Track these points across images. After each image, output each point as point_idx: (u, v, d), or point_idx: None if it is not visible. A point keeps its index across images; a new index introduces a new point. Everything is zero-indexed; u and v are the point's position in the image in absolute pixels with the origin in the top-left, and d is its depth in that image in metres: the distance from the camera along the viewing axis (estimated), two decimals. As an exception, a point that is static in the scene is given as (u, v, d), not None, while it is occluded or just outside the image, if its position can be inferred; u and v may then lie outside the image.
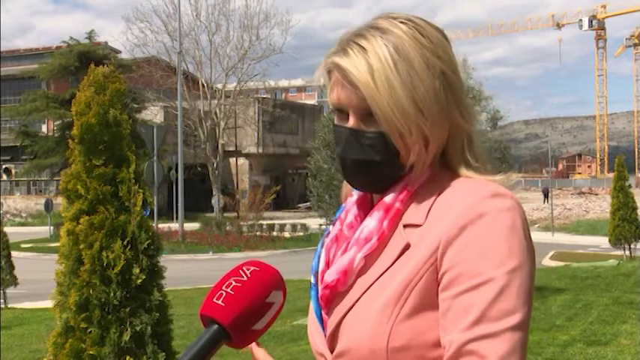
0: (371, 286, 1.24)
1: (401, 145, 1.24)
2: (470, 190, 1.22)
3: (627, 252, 18.25)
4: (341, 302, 1.27)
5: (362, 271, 1.26)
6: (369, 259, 1.26)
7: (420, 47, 1.23)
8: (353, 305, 1.25)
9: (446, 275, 1.17)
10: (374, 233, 1.26)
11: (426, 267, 1.19)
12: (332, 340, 1.28)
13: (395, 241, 1.25)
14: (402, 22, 1.25)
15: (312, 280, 1.35)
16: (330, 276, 1.29)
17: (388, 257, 1.24)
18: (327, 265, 1.33)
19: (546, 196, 55.14)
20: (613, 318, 9.86)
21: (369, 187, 1.31)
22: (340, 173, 1.33)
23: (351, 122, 1.26)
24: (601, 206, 43.42)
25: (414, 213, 1.25)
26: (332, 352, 1.28)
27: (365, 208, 1.35)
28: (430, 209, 1.24)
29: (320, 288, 1.32)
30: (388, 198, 1.28)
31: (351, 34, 1.27)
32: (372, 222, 1.28)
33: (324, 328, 1.31)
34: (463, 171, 1.28)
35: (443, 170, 1.28)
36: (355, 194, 1.38)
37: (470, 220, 1.17)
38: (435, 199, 1.24)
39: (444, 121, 1.24)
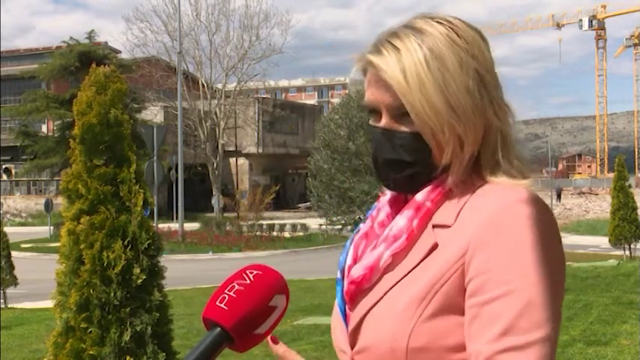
0: (397, 284, 1.23)
1: (434, 144, 1.24)
2: (501, 195, 1.21)
3: (627, 252, 18.25)
4: (365, 298, 1.27)
5: (388, 268, 1.26)
6: (397, 257, 1.26)
7: (455, 47, 1.23)
8: (377, 302, 1.25)
9: (473, 281, 1.16)
10: (403, 231, 1.26)
11: (453, 270, 1.18)
12: (353, 336, 1.28)
13: (423, 240, 1.25)
14: (438, 22, 1.26)
15: (339, 275, 1.35)
16: (357, 271, 1.29)
17: (416, 256, 1.24)
18: (355, 261, 1.33)
19: (559, 195, 55.21)
20: (613, 318, 9.86)
21: (399, 187, 1.31)
22: (373, 172, 1.33)
23: (384, 122, 1.27)
24: (601, 206, 43.44)
25: (444, 213, 1.25)
26: (352, 348, 1.28)
27: (397, 207, 1.34)
28: (460, 211, 1.23)
29: (346, 283, 1.31)
30: (419, 197, 1.27)
31: (386, 33, 1.28)
32: (402, 220, 1.27)
33: (347, 323, 1.31)
34: (495, 173, 1.26)
35: (475, 172, 1.27)
36: (388, 193, 1.38)
37: (501, 226, 1.16)
38: (466, 202, 1.24)
39: (478, 120, 1.24)
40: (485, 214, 1.18)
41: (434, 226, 1.24)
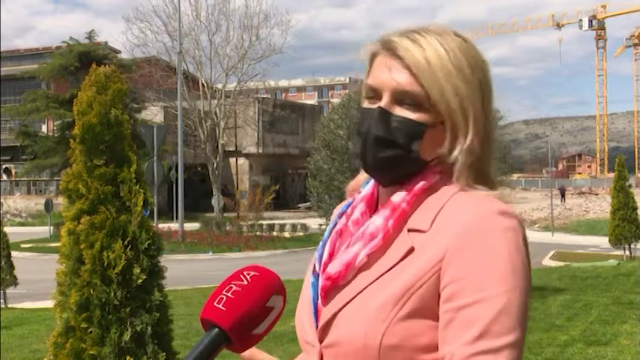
0: (371, 283, 1.27)
1: (432, 135, 1.29)
2: (477, 205, 1.25)
3: (627, 252, 18.27)
4: (339, 295, 1.30)
5: (364, 267, 1.29)
6: (372, 256, 1.29)
7: (467, 54, 1.31)
8: (351, 300, 1.28)
9: (449, 287, 1.21)
10: (380, 230, 1.30)
11: (429, 275, 1.22)
12: (324, 330, 1.30)
13: (399, 243, 1.28)
14: (452, 31, 1.33)
15: (317, 268, 1.37)
16: (334, 268, 1.32)
17: (391, 258, 1.27)
18: (330, 256, 1.36)
19: (563, 195, 55.19)
20: (613, 318, 9.86)
21: (382, 171, 1.33)
22: (357, 153, 1.35)
23: (384, 103, 1.30)
24: (601, 206, 43.42)
25: (420, 218, 1.29)
26: (321, 342, 1.30)
27: (371, 205, 1.38)
28: (436, 217, 1.27)
29: (322, 279, 1.34)
30: (396, 197, 1.31)
31: (405, 30, 1.33)
32: (378, 219, 1.31)
33: (317, 317, 1.33)
34: (471, 183, 1.31)
35: (451, 179, 1.31)
36: (363, 191, 1.41)
37: (476, 236, 1.21)
38: (442, 208, 1.28)
39: (484, 124, 1.31)
40: (462, 223, 1.23)
41: (409, 230, 1.28)
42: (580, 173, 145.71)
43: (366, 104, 1.34)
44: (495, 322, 1.16)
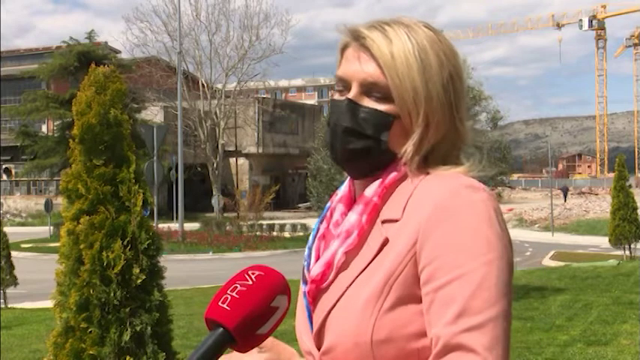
0: (353, 282, 1.27)
1: (400, 127, 1.29)
2: (443, 183, 1.25)
3: (627, 252, 18.25)
4: (325, 298, 1.30)
5: (343, 266, 1.30)
6: (350, 254, 1.30)
7: (436, 47, 1.31)
8: (337, 302, 1.28)
9: (425, 269, 1.20)
10: (355, 227, 1.30)
11: (405, 261, 1.22)
12: (318, 337, 1.30)
13: (374, 236, 1.28)
14: (423, 24, 1.34)
15: (305, 275, 1.37)
16: (315, 270, 1.33)
17: (368, 253, 1.27)
18: (317, 261, 1.36)
19: (565, 194, 55.18)
20: (613, 318, 9.86)
21: (351, 162, 1.33)
22: (327, 146, 1.37)
23: (352, 94, 1.31)
24: (601, 206, 43.38)
25: (391, 208, 1.29)
26: (319, 349, 1.30)
27: (350, 205, 1.38)
28: (407, 203, 1.27)
29: (308, 283, 1.34)
30: (368, 191, 1.32)
31: (376, 21, 1.34)
32: (352, 215, 1.32)
33: (312, 325, 1.33)
34: (440, 167, 1.31)
35: (421, 168, 1.31)
36: (339, 192, 1.41)
37: (446, 212, 1.20)
38: (411, 194, 1.27)
39: (445, 116, 1.30)
40: (430, 202, 1.22)
41: (383, 222, 1.28)
42: (580, 173, 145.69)
43: (336, 96, 1.35)
44: (474, 297, 1.15)
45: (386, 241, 1.25)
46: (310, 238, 1.43)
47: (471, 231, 1.19)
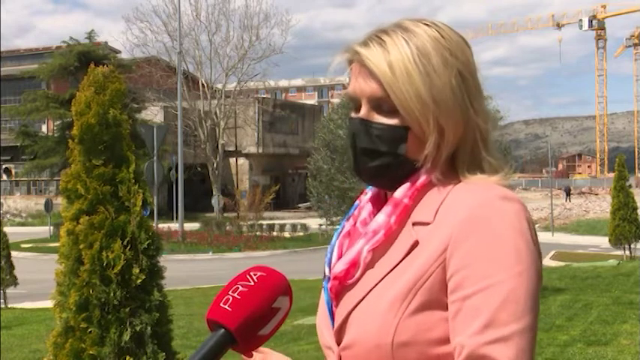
0: (380, 281, 1.26)
1: (414, 137, 1.27)
2: (478, 193, 1.24)
3: (627, 252, 18.26)
4: (349, 295, 1.30)
5: (370, 264, 1.29)
6: (377, 252, 1.29)
7: (439, 46, 1.28)
8: (361, 299, 1.27)
9: (454, 277, 1.19)
10: (382, 227, 1.29)
11: (435, 266, 1.21)
12: (339, 333, 1.30)
13: (404, 237, 1.28)
14: (424, 24, 1.31)
15: (326, 272, 1.37)
16: (339, 267, 1.32)
17: (397, 253, 1.27)
18: (339, 258, 1.36)
19: (568, 194, 55.17)
20: (613, 318, 9.86)
21: (370, 177, 1.34)
22: (352, 167, 1.36)
23: (362, 112, 1.30)
24: (601, 206, 43.41)
25: (423, 211, 1.28)
26: (339, 344, 1.30)
27: (378, 205, 1.37)
28: (439, 208, 1.26)
29: (330, 279, 1.34)
30: (398, 193, 1.31)
31: (375, 30, 1.32)
32: (381, 216, 1.31)
33: (333, 320, 1.33)
34: (470, 171, 1.30)
35: (450, 170, 1.31)
36: (369, 192, 1.41)
37: (479, 222, 1.20)
38: (444, 198, 1.27)
39: (459, 117, 1.28)
40: (464, 210, 1.22)
41: (414, 224, 1.27)
42: (580, 173, 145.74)
43: (352, 114, 1.34)
44: (502, 309, 1.15)
45: (416, 244, 1.25)
46: (334, 235, 1.43)
47: (502, 242, 1.18)
